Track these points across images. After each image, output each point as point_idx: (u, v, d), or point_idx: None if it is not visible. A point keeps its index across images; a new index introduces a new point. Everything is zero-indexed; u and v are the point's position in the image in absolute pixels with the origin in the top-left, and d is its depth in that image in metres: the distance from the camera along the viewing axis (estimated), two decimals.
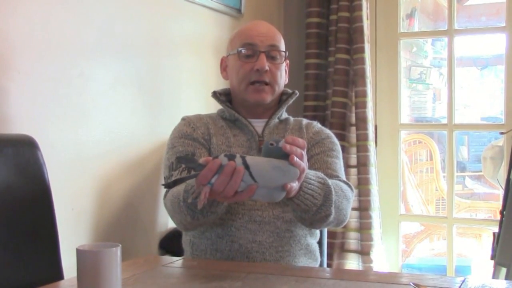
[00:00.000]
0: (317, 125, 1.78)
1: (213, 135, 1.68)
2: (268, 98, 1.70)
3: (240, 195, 1.26)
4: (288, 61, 1.78)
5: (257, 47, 1.68)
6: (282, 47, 1.73)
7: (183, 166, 1.52)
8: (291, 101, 1.76)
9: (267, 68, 1.66)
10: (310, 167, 1.56)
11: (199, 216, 1.43)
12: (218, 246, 1.58)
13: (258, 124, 1.71)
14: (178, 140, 1.66)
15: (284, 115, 1.77)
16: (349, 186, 1.62)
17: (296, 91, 1.78)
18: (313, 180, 1.43)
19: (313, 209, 1.44)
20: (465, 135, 5.59)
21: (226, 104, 1.73)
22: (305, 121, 1.79)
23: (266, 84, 1.68)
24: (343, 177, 1.67)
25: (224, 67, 1.79)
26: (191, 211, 1.42)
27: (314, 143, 1.70)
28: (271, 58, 1.69)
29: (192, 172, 1.26)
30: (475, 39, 5.05)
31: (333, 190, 1.47)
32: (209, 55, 2.35)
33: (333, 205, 1.47)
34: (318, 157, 1.68)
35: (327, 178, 1.49)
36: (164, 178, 1.64)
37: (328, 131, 1.78)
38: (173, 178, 1.51)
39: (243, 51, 1.69)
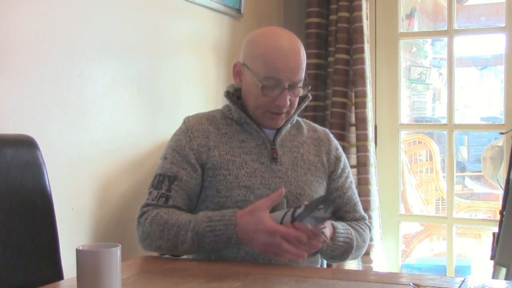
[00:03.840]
0: (334, 141, 1.79)
1: (213, 147, 1.62)
2: (283, 123, 1.67)
3: None
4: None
5: (282, 82, 1.58)
6: (304, 74, 1.63)
7: (163, 191, 1.59)
8: (303, 106, 1.72)
9: (288, 104, 1.60)
10: (335, 198, 1.73)
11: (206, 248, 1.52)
12: (223, 252, 1.57)
13: (269, 131, 1.67)
14: (171, 152, 1.63)
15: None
16: (369, 227, 1.77)
17: (309, 95, 1.73)
18: (340, 241, 1.61)
19: (328, 256, 1.64)
20: (465, 135, 5.59)
21: (238, 105, 1.66)
22: (319, 129, 1.79)
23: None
24: (361, 209, 1.79)
25: (237, 72, 1.68)
26: (203, 244, 1.49)
27: (335, 167, 1.74)
28: (295, 89, 1.61)
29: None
30: (474, 39, 5.05)
31: (353, 249, 1.65)
32: (209, 55, 2.35)
33: (348, 258, 1.67)
34: (342, 193, 1.74)
35: (353, 239, 1.65)
36: (148, 191, 1.62)
37: (341, 149, 1.80)
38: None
39: (266, 83, 1.58)
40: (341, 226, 1.63)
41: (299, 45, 1.62)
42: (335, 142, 1.79)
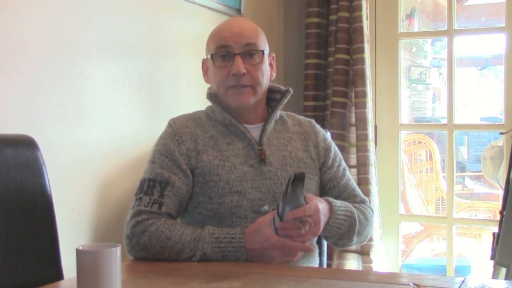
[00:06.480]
0: (321, 131, 1.77)
1: (202, 152, 1.60)
2: (251, 99, 1.62)
3: None
4: (273, 54, 1.71)
5: (232, 49, 1.59)
6: (261, 44, 1.63)
7: (155, 197, 1.55)
8: (285, 101, 1.70)
9: (243, 71, 1.58)
10: (330, 189, 1.72)
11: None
12: None
13: (253, 130, 1.66)
14: (159, 157, 1.61)
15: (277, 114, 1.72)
16: (371, 208, 1.75)
17: (290, 89, 1.71)
18: (341, 215, 1.59)
19: (336, 237, 1.61)
20: (465, 135, 5.59)
21: (221, 107, 1.65)
22: (304, 121, 1.77)
23: (246, 86, 1.60)
24: (360, 193, 1.77)
25: (205, 70, 1.71)
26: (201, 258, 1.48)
27: (325, 159, 1.73)
28: (249, 57, 1.61)
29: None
30: (474, 39, 5.05)
31: (357, 223, 1.63)
32: None
33: (354, 236, 1.64)
34: (336, 183, 1.72)
35: (354, 212, 1.63)
36: (136, 196, 1.58)
37: (329, 139, 1.78)
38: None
39: (217, 55, 1.61)
40: (338, 201, 1.62)
41: (249, 21, 1.70)
42: (322, 133, 1.77)
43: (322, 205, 1.54)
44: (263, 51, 1.63)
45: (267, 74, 1.66)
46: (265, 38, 1.68)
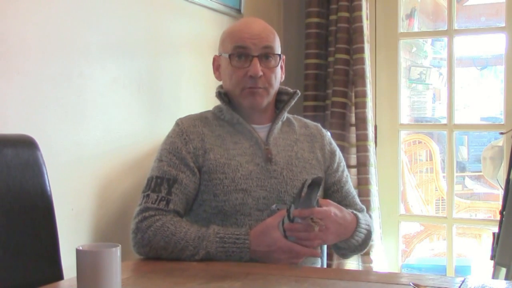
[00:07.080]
0: (327, 135, 1.79)
1: (209, 150, 1.61)
2: (264, 102, 1.65)
3: None
4: (284, 56, 1.73)
5: (250, 50, 1.61)
6: (277, 47, 1.66)
7: (163, 194, 1.56)
8: (293, 102, 1.72)
9: (261, 74, 1.60)
10: (334, 192, 1.74)
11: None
12: None
13: (260, 130, 1.67)
14: (167, 155, 1.61)
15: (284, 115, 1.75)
16: (370, 215, 1.82)
17: (298, 91, 1.74)
18: (363, 228, 1.64)
19: (351, 248, 1.68)
20: (465, 135, 5.59)
21: (229, 105, 1.66)
22: (311, 125, 1.79)
23: (261, 88, 1.63)
24: (359, 201, 1.80)
25: (216, 66, 1.73)
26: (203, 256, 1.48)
27: (330, 162, 1.74)
28: (265, 59, 1.63)
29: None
30: (474, 39, 5.05)
31: (372, 235, 1.69)
32: (209, 55, 2.33)
33: (366, 247, 1.71)
34: (340, 187, 1.75)
35: (371, 225, 1.69)
36: (143, 194, 1.58)
37: (334, 143, 1.80)
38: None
39: (235, 55, 1.62)
40: (359, 214, 1.67)
41: (265, 22, 1.70)
42: (328, 136, 1.79)
43: (348, 216, 1.59)
44: (279, 55, 1.66)
45: (279, 77, 1.69)
46: (279, 40, 1.71)
